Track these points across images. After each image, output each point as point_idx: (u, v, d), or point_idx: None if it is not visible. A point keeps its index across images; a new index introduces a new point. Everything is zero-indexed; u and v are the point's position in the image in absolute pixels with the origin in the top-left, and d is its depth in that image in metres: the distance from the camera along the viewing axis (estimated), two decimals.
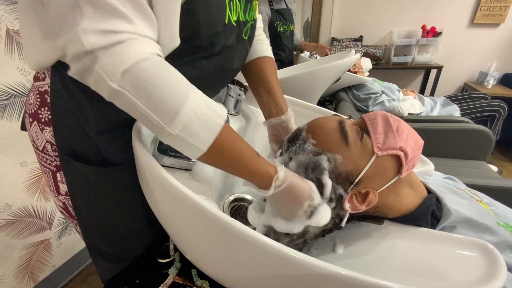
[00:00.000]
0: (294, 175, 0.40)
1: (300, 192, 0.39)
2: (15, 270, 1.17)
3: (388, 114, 0.43)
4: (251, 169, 0.38)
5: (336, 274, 0.25)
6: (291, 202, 0.39)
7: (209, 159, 0.36)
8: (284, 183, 0.38)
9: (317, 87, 1.21)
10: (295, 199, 0.39)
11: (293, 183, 0.39)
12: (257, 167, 0.38)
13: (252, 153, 0.39)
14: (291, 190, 0.39)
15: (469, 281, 0.31)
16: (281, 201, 0.40)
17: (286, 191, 0.38)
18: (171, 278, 0.47)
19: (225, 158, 0.37)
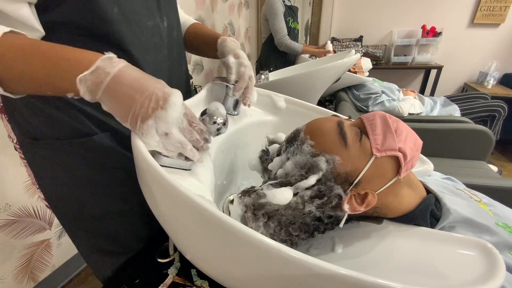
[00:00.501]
0: (129, 65, 0.34)
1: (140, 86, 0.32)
2: (15, 270, 1.17)
3: (387, 114, 0.43)
4: (56, 59, 0.31)
5: (336, 273, 0.25)
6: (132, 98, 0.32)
7: (5, 74, 0.31)
8: (110, 73, 0.31)
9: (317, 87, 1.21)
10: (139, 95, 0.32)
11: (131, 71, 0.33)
12: (65, 53, 0.32)
13: (59, 46, 0.32)
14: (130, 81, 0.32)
15: (468, 280, 0.31)
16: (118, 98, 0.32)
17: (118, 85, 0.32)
18: (170, 278, 0.47)
19: (18, 61, 0.31)
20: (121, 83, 0.32)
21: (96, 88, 0.31)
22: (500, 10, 2.69)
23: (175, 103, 0.34)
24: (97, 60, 0.31)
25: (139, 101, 0.32)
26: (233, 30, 2.88)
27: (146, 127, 0.33)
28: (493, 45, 2.82)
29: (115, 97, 0.32)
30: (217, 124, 0.42)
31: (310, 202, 0.40)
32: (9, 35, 0.31)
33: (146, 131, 0.34)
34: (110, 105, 0.33)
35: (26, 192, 1.16)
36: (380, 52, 3.04)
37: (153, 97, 0.33)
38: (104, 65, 0.32)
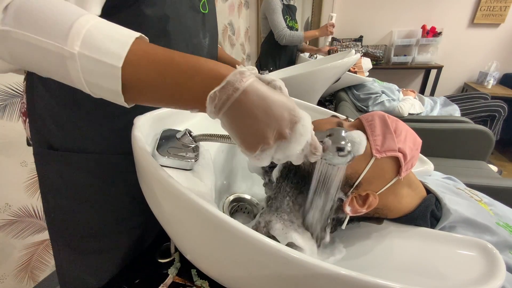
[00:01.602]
0: (258, 80, 0.29)
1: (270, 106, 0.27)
2: (15, 270, 1.17)
3: (386, 114, 0.43)
4: (194, 80, 0.28)
5: (336, 274, 0.25)
6: (255, 119, 0.27)
7: (137, 81, 0.29)
8: (239, 89, 0.27)
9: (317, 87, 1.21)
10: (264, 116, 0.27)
11: (259, 89, 0.27)
12: (199, 66, 0.28)
13: (192, 57, 0.30)
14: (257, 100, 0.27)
15: (468, 281, 0.31)
16: (241, 118, 0.28)
17: (243, 103, 0.27)
18: (171, 278, 0.47)
19: (151, 71, 0.28)
20: (248, 99, 0.27)
21: (222, 106, 0.27)
22: (500, 10, 2.69)
23: (301, 133, 0.28)
24: (228, 74, 0.27)
25: (262, 125, 0.28)
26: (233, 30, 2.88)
27: (265, 155, 0.29)
28: (493, 45, 2.83)
29: (236, 118, 0.28)
30: (341, 153, 0.33)
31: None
32: (139, 41, 0.29)
33: (264, 158, 0.29)
34: (231, 124, 0.28)
35: (26, 192, 1.16)
36: (380, 52, 3.04)
37: (278, 123, 0.28)
38: (234, 80, 0.27)
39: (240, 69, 0.28)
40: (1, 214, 1.08)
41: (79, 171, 0.49)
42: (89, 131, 0.47)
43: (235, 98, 0.27)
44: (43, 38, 0.27)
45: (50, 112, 0.46)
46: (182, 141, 0.42)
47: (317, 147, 0.31)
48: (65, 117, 0.46)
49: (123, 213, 0.54)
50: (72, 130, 0.47)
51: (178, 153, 0.41)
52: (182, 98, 0.29)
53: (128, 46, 0.28)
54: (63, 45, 0.26)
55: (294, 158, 0.30)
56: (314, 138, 0.31)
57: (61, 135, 0.47)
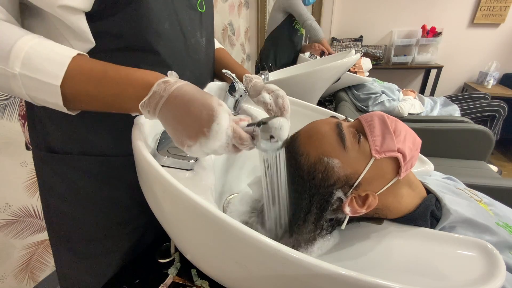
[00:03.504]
0: (187, 83, 0.34)
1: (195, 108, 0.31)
2: (15, 270, 1.17)
3: (385, 114, 0.43)
4: (126, 92, 0.33)
5: (336, 274, 0.25)
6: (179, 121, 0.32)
7: (77, 95, 0.33)
8: (163, 97, 0.32)
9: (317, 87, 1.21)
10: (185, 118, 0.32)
11: (183, 93, 0.32)
12: (131, 87, 0.33)
13: (123, 69, 0.34)
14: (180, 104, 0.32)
15: (468, 281, 0.31)
16: (170, 120, 0.33)
17: (168, 108, 0.32)
18: (171, 278, 0.47)
19: (88, 85, 0.33)
20: (170, 105, 0.32)
21: (153, 111, 0.33)
22: (500, 10, 2.69)
23: (217, 131, 0.31)
24: (154, 84, 0.33)
25: (184, 126, 0.32)
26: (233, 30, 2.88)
27: (194, 150, 0.33)
28: (493, 45, 2.83)
29: (166, 119, 0.33)
30: (271, 142, 0.35)
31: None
32: (77, 57, 0.33)
33: (194, 152, 0.33)
34: (164, 124, 0.34)
35: (26, 192, 1.16)
36: (380, 52, 3.04)
37: (196, 124, 0.32)
38: (159, 89, 0.33)
39: (165, 78, 0.34)
40: (1, 214, 1.08)
41: (80, 173, 0.49)
42: (89, 133, 0.47)
43: (162, 104, 0.33)
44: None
45: (49, 115, 0.46)
46: None
47: (242, 138, 0.34)
48: (65, 120, 0.46)
49: (124, 216, 0.54)
50: (72, 133, 0.47)
51: (178, 153, 0.41)
52: (121, 106, 0.35)
53: (66, 66, 0.32)
54: (5, 67, 0.30)
55: (221, 151, 0.34)
56: (238, 130, 0.34)
57: (61, 138, 0.47)
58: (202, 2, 0.52)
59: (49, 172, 0.49)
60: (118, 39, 0.41)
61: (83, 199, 0.50)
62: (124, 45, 0.42)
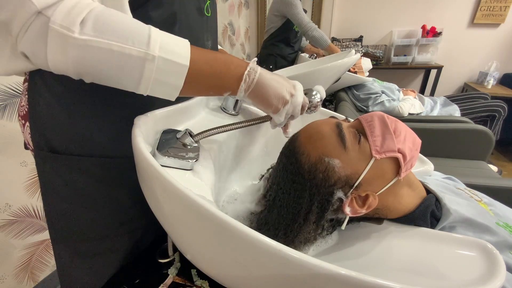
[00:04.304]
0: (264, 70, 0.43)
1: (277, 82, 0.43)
2: (15, 270, 1.17)
3: (385, 115, 0.43)
4: (230, 70, 0.40)
5: (336, 274, 0.25)
6: (274, 88, 0.42)
7: (194, 75, 0.37)
8: (257, 72, 0.41)
9: None
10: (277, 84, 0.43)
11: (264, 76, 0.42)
12: (233, 66, 0.40)
13: (223, 55, 0.41)
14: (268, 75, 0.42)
15: (468, 281, 0.31)
16: (264, 90, 0.42)
17: (263, 79, 0.41)
18: (170, 278, 0.47)
19: (205, 69, 0.38)
20: (264, 77, 0.42)
21: (250, 83, 0.41)
22: (500, 10, 2.69)
23: (299, 89, 0.46)
24: (249, 63, 0.41)
25: (279, 90, 0.43)
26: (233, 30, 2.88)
27: (284, 110, 0.44)
28: (493, 45, 2.83)
29: (263, 88, 0.42)
30: (313, 102, 0.52)
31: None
32: (191, 45, 0.37)
33: (282, 112, 0.45)
34: (258, 96, 0.42)
35: (26, 192, 1.16)
36: (380, 52, 3.04)
37: (287, 87, 0.44)
38: (254, 66, 0.41)
39: (253, 60, 0.43)
40: (1, 214, 1.08)
41: (80, 173, 0.49)
42: (90, 133, 0.47)
43: (257, 77, 0.41)
44: (126, 45, 0.31)
45: (52, 115, 0.46)
46: (182, 141, 0.43)
47: (306, 99, 0.49)
48: (67, 120, 0.46)
49: (125, 215, 0.54)
50: (73, 133, 0.47)
51: (179, 153, 0.41)
52: (223, 84, 0.40)
53: (189, 48, 0.36)
54: (146, 50, 0.32)
55: (298, 109, 0.46)
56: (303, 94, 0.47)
57: (62, 138, 0.47)
58: (208, 7, 0.53)
59: (50, 172, 0.49)
60: None
61: (84, 198, 0.50)
62: None
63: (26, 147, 0.53)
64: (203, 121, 0.56)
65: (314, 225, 0.43)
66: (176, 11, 0.45)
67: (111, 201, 0.52)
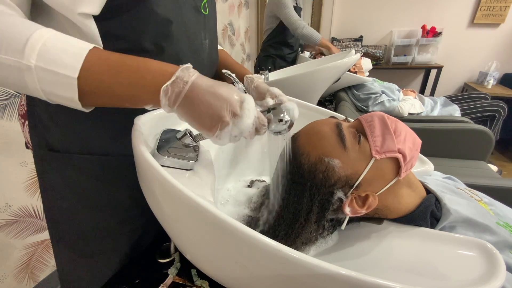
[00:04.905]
0: (202, 76, 0.34)
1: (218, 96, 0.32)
2: (15, 270, 1.17)
3: (385, 115, 0.43)
4: (146, 81, 0.32)
5: (336, 274, 0.25)
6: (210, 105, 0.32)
7: (94, 86, 0.32)
8: (188, 82, 0.32)
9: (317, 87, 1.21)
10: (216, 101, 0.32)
11: (206, 80, 0.33)
12: (151, 75, 0.33)
13: (141, 59, 0.34)
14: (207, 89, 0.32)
15: (468, 281, 0.31)
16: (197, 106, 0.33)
17: (195, 92, 0.32)
18: (171, 278, 0.47)
19: (105, 75, 0.32)
20: (198, 90, 0.32)
21: (176, 97, 0.32)
22: (500, 10, 2.69)
23: (249, 109, 0.34)
24: (177, 70, 0.33)
25: (216, 108, 0.32)
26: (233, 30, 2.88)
27: (224, 133, 0.33)
28: (493, 45, 2.82)
29: (193, 104, 0.33)
30: (282, 123, 0.40)
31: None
32: (94, 49, 0.32)
33: (223, 136, 0.34)
34: (188, 113, 0.33)
35: (26, 192, 1.16)
36: (380, 52, 3.04)
37: (229, 104, 0.33)
38: (183, 75, 0.32)
39: (185, 65, 0.33)
40: (1, 214, 1.08)
41: (80, 172, 0.49)
42: (89, 132, 0.47)
43: (187, 89, 0.32)
44: (1, 54, 0.29)
45: (51, 114, 0.46)
46: (182, 141, 0.43)
47: (263, 120, 0.36)
48: (66, 119, 0.46)
49: (124, 215, 0.54)
50: (72, 132, 0.47)
51: (178, 153, 0.41)
52: (137, 96, 0.33)
53: (83, 58, 0.31)
54: (20, 59, 0.29)
55: (247, 132, 0.35)
56: (260, 113, 0.36)
57: (62, 137, 0.47)
58: (206, 5, 0.53)
59: (49, 171, 0.49)
60: (124, 40, 0.41)
61: (83, 198, 0.50)
62: (129, 46, 0.42)
63: (27, 147, 0.53)
64: None
65: (315, 225, 0.43)
66: (169, 11, 0.44)
67: (111, 200, 0.52)
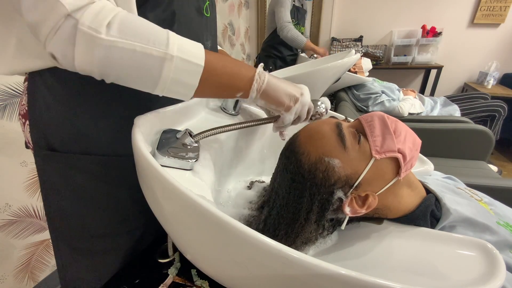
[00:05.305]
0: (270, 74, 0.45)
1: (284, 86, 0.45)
2: (15, 270, 1.17)
3: (385, 115, 0.43)
4: (241, 72, 0.42)
5: (336, 274, 0.25)
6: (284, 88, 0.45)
7: (209, 75, 0.39)
8: (265, 74, 0.43)
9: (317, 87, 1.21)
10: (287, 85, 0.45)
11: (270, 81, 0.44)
12: (244, 69, 0.42)
13: (235, 60, 0.43)
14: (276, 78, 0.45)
15: (468, 281, 0.31)
16: (275, 90, 0.44)
17: (272, 81, 0.44)
18: (170, 278, 0.47)
19: (218, 69, 0.40)
20: (273, 81, 0.44)
21: (261, 85, 0.43)
22: (500, 10, 2.69)
23: (307, 90, 0.49)
24: (257, 67, 0.44)
25: (290, 90, 0.46)
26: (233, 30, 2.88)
27: (294, 108, 0.46)
28: (493, 45, 2.82)
29: (273, 90, 0.44)
30: (318, 110, 0.54)
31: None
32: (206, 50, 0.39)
33: (293, 110, 0.47)
34: (270, 96, 0.44)
35: (26, 192, 1.16)
36: (380, 52, 3.04)
37: (296, 87, 0.47)
38: (261, 71, 0.44)
39: (260, 65, 0.45)
40: (1, 214, 1.08)
41: (80, 172, 0.49)
42: (89, 132, 0.47)
43: (267, 79, 0.43)
44: (148, 45, 0.34)
45: (50, 113, 0.46)
46: (182, 141, 0.43)
47: (311, 103, 0.51)
48: (66, 119, 0.46)
49: (125, 214, 0.54)
50: (72, 132, 0.47)
51: (178, 153, 0.41)
52: (236, 84, 0.42)
53: (203, 50, 0.38)
54: (165, 50, 0.35)
55: (305, 109, 0.48)
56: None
57: (62, 137, 0.47)
58: (208, 7, 0.53)
59: (49, 171, 0.49)
60: None
61: (83, 197, 0.50)
62: None
63: (27, 146, 0.53)
64: (203, 121, 0.56)
65: (315, 225, 0.43)
66: (174, 12, 0.45)
67: (111, 200, 0.52)
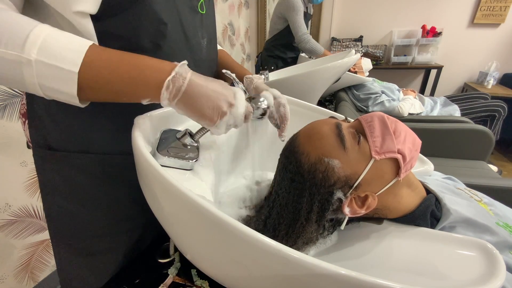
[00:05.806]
0: (198, 75, 0.37)
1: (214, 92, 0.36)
2: (15, 270, 1.17)
3: (385, 115, 0.43)
4: (144, 76, 0.34)
5: (336, 274, 0.25)
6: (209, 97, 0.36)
7: (93, 81, 0.33)
8: (186, 78, 0.34)
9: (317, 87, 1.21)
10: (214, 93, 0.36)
11: (200, 76, 0.36)
12: (150, 71, 0.34)
13: (139, 56, 0.35)
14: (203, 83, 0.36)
15: (468, 281, 0.31)
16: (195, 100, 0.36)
17: (194, 87, 0.35)
18: (170, 278, 0.47)
19: (105, 75, 0.33)
20: (195, 85, 0.35)
21: (177, 92, 0.35)
22: (500, 10, 2.69)
23: (241, 99, 0.39)
24: (175, 67, 0.35)
25: (215, 100, 0.36)
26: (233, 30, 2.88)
27: (222, 123, 0.38)
28: (493, 45, 2.82)
29: (193, 98, 0.35)
30: (260, 109, 0.48)
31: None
32: (93, 46, 0.33)
33: (221, 125, 0.38)
34: (188, 106, 0.36)
35: (26, 192, 1.16)
36: (380, 52, 3.04)
37: (225, 97, 0.37)
38: (181, 71, 0.35)
39: (182, 62, 0.36)
40: (1, 214, 1.08)
41: (80, 171, 0.49)
42: (88, 131, 0.47)
43: (186, 84, 0.35)
44: (1, 49, 0.29)
45: (50, 112, 0.46)
46: (182, 141, 0.43)
47: (250, 108, 0.42)
48: (66, 118, 0.46)
49: (124, 214, 0.54)
50: (71, 131, 0.47)
51: (179, 153, 0.41)
52: (136, 90, 0.35)
53: (83, 53, 0.32)
54: (20, 53, 0.29)
55: (240, 120, 0.40)
56: (247, 102, 0.42)
57: (61, 136, 0.47)
58: (203, 4, 0.53)
59: (49, 170, 0.49)
60: (120, 39, 0.41)
61: (83, 196, 0.50)
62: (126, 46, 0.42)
63: (29, 146, 0.53)
64: None
65: (316, 225, 0.43)
66: (165, 10, 0.44)
67: (110, 199, 0.52)
